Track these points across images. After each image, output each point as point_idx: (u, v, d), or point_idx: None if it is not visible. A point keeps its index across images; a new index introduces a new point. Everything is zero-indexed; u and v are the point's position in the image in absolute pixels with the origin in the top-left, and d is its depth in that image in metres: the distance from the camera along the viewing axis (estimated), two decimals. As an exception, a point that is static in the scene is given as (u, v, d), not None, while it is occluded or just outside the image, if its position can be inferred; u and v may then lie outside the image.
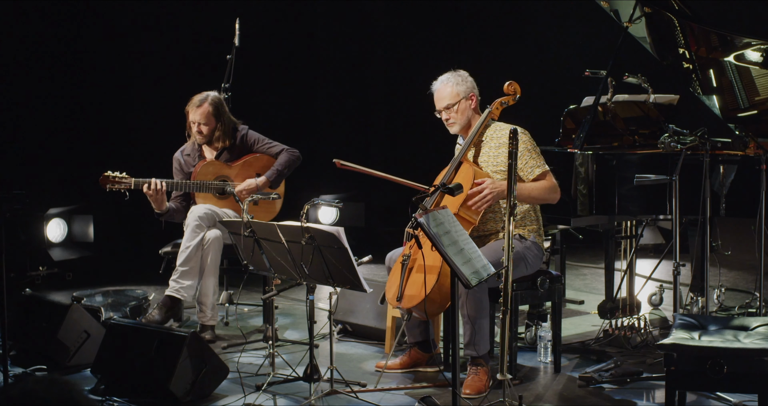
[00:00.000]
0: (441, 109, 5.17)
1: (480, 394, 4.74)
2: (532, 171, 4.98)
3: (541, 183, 4.99)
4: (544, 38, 9.22)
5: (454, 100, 5.13)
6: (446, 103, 5.14)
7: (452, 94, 5.13)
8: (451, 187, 4.65)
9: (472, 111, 5.17)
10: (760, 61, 5.69)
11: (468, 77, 5.19)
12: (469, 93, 5.15)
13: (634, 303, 5.90)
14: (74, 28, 8.31)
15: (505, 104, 5.19)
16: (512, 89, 5.19)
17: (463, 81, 5.16)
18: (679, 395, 4.18)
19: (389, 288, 5.02)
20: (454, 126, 5.18)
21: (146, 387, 4.73)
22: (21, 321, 5.42)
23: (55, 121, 8.25)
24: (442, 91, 5.16)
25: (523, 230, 5.05)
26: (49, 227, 7.76)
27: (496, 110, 5.17)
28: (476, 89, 5.19)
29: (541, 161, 5.02)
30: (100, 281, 7.27)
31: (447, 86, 5.15)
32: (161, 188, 5.83)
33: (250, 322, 6.38)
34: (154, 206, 5.93)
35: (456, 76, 5.17)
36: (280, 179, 6.10)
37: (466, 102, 5.14)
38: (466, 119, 5.16)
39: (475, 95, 5.18)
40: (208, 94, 6.05)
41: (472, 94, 5.16)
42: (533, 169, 4.99)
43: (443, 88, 5.16)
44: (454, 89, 5.13)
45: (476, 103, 5.18)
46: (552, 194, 5.02)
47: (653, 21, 5.99)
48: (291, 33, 9.14)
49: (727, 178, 5.51)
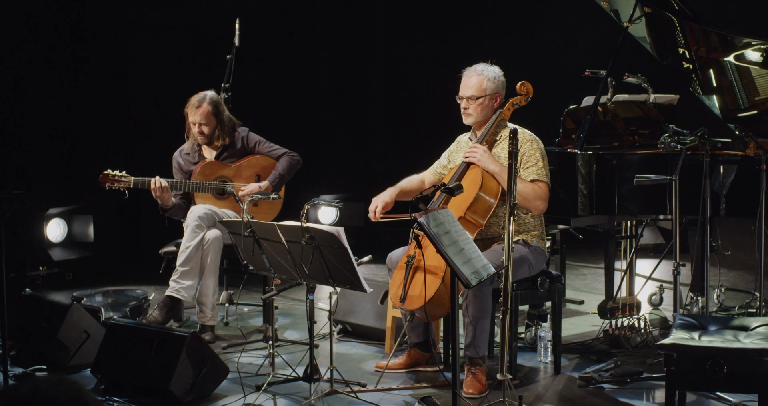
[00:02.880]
0: (464, 96, 5.14)
1: (481, 393, 4.74)
2: (529, 174, 4.98)
3: (532, 185, 4.97)
4: (545, 38, 9.22)
5: (480, 94, 5.10)
6: (470, 94, 5.10)
7: (480, 87, 5.10)
8: (451, 187, 4.65)
9: (492, 110, 5.14)
10: (760, 61, 5.69)
11: (501, 77, 5.15)
12: (495, 93, 5.12)
13: (634, 303, 5.90)
14: (74, 28, 8.31)
15: (516, 105, 5.15)
16: (525, 89, 5.16)
17: (495, 79, 5.12)
18: (679, 395, 4.18)
19: (392, 288, 5.02)
20: (470, 117, 5.15)
21: (146, 387, 4.73)
22: (21, 321, 5.42)
23: (55, 121, 8.25)
24: (471, 79, 5.12)
25: (527, 236, 5.05)
26: (49, 227, 7.75)
27: (507, 111, 5.15)
28: (504, 91, 5.15)
29: (543, 172, 5.01)
30: (100, 281, 7.28)
31: (477, 78, 5.11)
32: (164, 186, 5.85)
33: (250, 322, 6.38)
34: (160, 203, 5.94)
35: (490, 70, 5.13)
36: (281, 184, 6.12)
37: (489, 100, 5.12)
38: (483, 116, 5.14)
39: (501, 96, 5.14)
40: (206, 94, 6.05)
41: (498, 95, 5.13)
42: (531, 173, 4.98)
43: (473, 78, 5.12)
44: (483, 83, 5.10)
45: (499, 104, 5.14)
46: (537, 201, 4.95)
47: (653, 21, 5.99)
48: (291, 33, 9.14)
49: (727, 178, 5.51)
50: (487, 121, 5.14)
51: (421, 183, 5.46)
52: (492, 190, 4.95)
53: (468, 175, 5.02)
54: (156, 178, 5.85)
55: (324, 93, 9.50)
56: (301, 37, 9.21)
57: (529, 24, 9.30)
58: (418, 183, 5.47)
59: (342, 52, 9.48)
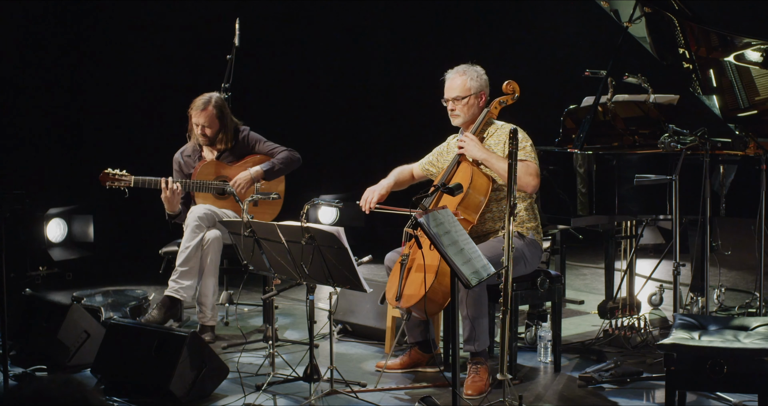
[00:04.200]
0: (449, 98, 5.16)
1: (481, 394, 4.74)
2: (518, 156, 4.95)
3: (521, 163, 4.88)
4: (544, 38, 9.22)
5: (464, 94, 5.12)
6: (455, 95, 5.13)
7: (464, 87, 5.12)
8: (451, 187, 4.65)
9: (479, 109, 5.17)
10: (760, 61, 5.69)
11: (483, 75, 5.18)
12: (480, 91, 5.15)
13: (634, 303, 5.90)
14: (74, 28, 8.31)
15: (503, 104, 5.19)
16: (511, 89, 5.19)
17: (478, 78, 5.15)
18: (679, 395, 4.18)
19: (389, 288, 5.02)
20: (457, 118, 5.17)
21: (146, 387, 4.73)
22: (21, 321, 5.42)
23: (55, 121, 8.25)
24: (455, 81, 5.15)
25: (522, 228, 5.05)
26: (49, 227, 7.76)
27: (494, 109, 5.17)
28: (488, 88, 5.19)
29: (532, 155, 4.99)
30: (100, 281, 7.27)
31: (460, 78, 5.14)
32: (177, 189, 5.84)
33: (250, 322, 6.38)
34: (167, 208, 5.92)
35: (472, 70, 5.16)
36: (274, 173, 6.04)
37: (475, 99, 5.14)
38: (470, 115, 5.16)
39: (486, 94, 5.17)
40: (211, 96, 6.03)
41: (482, 93, 5.16)
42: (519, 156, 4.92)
43: (456, 79, 5.15)
44: (467, 83, 5.12)
45: (485, 102, 5.17)
46: (527, 177, 4.91)
47: (653, 21, 5.99)
48: (291, 33, 9.14)
49: (727, 178, 5.51)
50: (474, 121, 5.17)
51: (410, 175, 5.53)
52: (482, 186, 4.98)
53: (458, 172, 5.06)
54: (169, 180, 5.83)
55: (324, 93, 9.50)
56: (301, 37, 9.21)
57: (529, 24, 9.30)
58: (408, 174, 5.53)
59: (342, 52, 9.48)
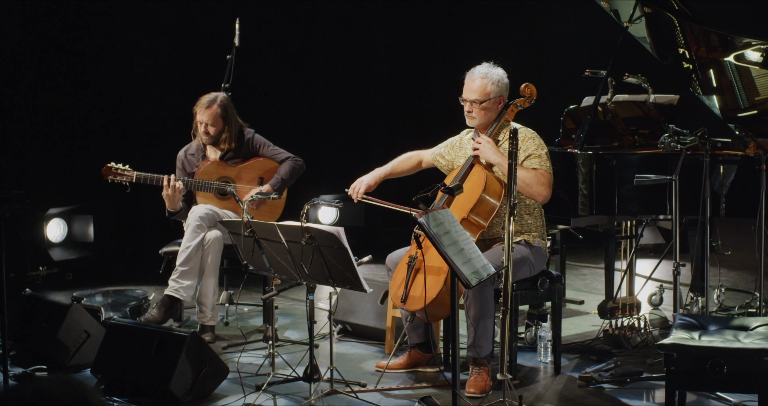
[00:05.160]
0: (468, 100, 5.12)
1: (483, 393, 4.74)
2: (531, 164, 4.96)
3: (534, 171, 4.93)
4: (545, 38, 9.22)
5: (483, 98, 5.07)
6: (474, 98, 5.07)
7: (483, 91, 5.06)
8: (450, 187, 4.64)
9: (496, 112, 5.12)
10: (760, 61, 5.69)
11: (504, 79, 5.12)
12: (499, 95, 5.09)
13: (634, 303, 5.90)
14: (75, 28, 8.31)
15: (520, 107, 5.14)
16: (528, 91, 5.14)
17: (499, 82, 5.08)
18: (679, 395, 4.18)
19: (393, 288, 5.01)
20: (473, 120, 5.12)
21: (146, 387, 4.73)
22: (21, 321, 5.42)
23: (55, 121, 8.25)
24: (475, 83, 5.08)
25: (528, 236, 5.04)
26: (49, 227, 7.75)
27: (510, 113, 5.13)
28: (507, 92, 5.13)
29: (547, 164, 4.99)
30: (100, 281, 7.27)
31: (481, 81, 5.07)
32: (180, 187, 5.84)
33: (250, 322, 6.38)
34: (168, 205, 5.92)
35: (494, 73, 5.09)
36: (283, 187, 6.11)
37: (493, 103, 5.09)
38: (487, 119, 5.11)
39: (505, 98, 5.13)
40: (218, 96, 6.03)
41: (501, 98, 5.11)
42: (533, 163, 4.95)
43: (477, 81, 5.08)
44: (487, 87, 5.06)
45: (503, 106, 5.13)
46: (539, 186, 4.93)
47: (653, 21, 5.99)
48: (291, 33, 9.14)
49: (727, 178, 5.51)
50: (490, 124, 5.14)
51: (418, 163, 5.50)
52: (496, 191, 4.94)
53: (472, 176, 5.01)
54: (172, 178, 5.83)
55: (324, 93, 9.50)
56: (301, 37, 9.21)
57: (529, 24, 9.30)
58: (415, 161, 5.50)
59: (342, 52, 9.47)
